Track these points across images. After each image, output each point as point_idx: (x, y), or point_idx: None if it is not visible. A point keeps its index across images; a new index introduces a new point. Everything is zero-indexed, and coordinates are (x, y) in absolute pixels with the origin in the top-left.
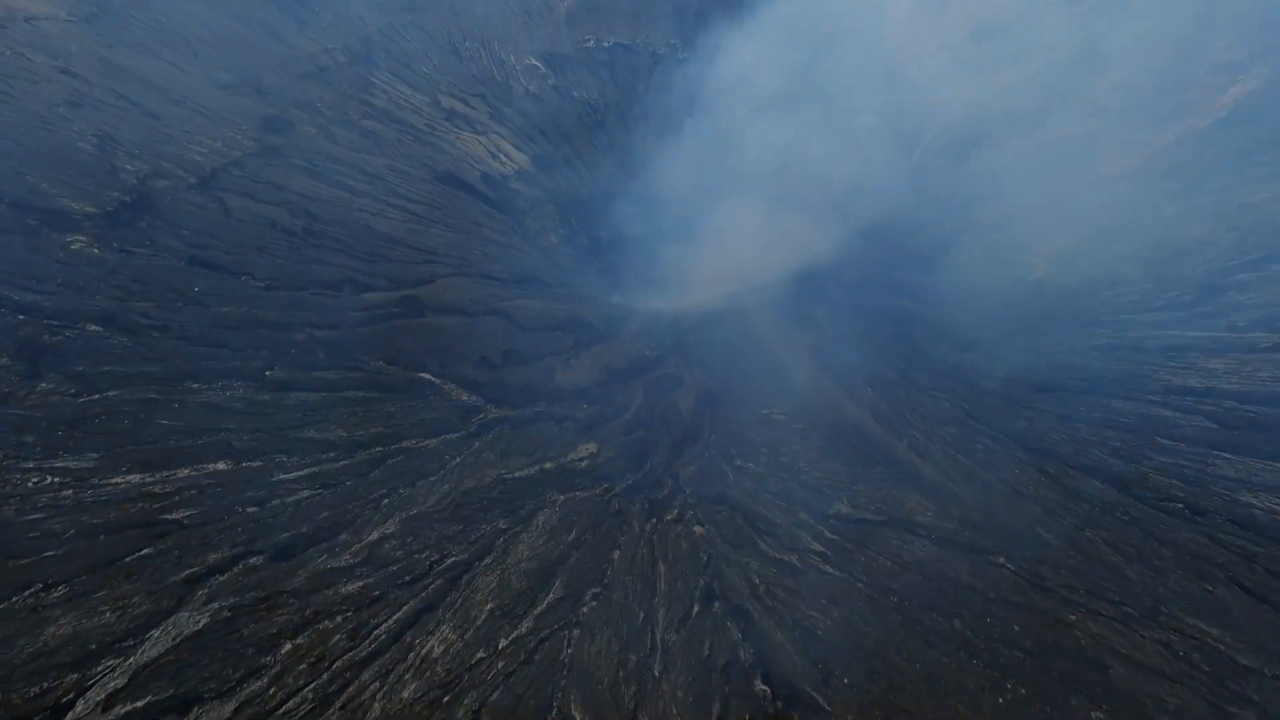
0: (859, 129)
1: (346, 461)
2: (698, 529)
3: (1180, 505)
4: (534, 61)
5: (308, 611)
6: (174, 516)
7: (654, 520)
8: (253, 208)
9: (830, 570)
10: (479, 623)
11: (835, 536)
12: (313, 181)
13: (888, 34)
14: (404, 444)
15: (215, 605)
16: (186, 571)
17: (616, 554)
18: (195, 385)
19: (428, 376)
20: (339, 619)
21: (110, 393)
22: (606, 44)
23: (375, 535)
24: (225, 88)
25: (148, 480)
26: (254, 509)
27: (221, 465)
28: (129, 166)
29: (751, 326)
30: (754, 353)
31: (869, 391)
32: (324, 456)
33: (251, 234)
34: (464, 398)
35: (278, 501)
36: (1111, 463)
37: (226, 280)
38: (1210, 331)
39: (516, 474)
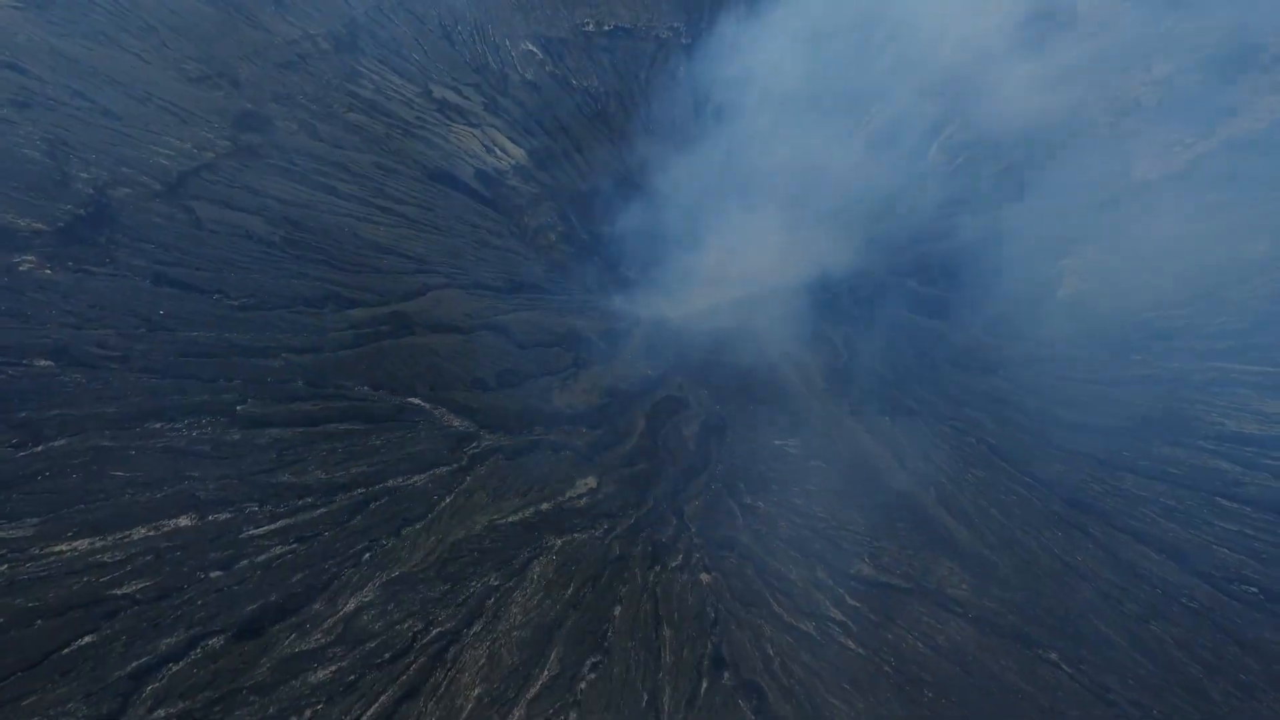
0: (870, 123)
1: (324, 509)
2: (704, 577)
3: (1255, 591)
4: (530, 47)
5: (271, 710)
6: (125, 590)
7: (657, 568)
8: (226, 216)
9: (853, 646)
10: (464, 715)
11: (857, 603)
12: (293, 184)
13: (902, 22)
14: (389, 483)
15: (161, 713)
16: (134, 663)
17: (618, 610)
18: (157, 425)
19: (417, 401)
20: (307, 715)
21: (58, 442)
22: (607, 28)
23: (352, 605)
24: (195, 81)
25: (97, 546)
26: (218, 574)
27: (184, 521)
28: (85, 174)
29: (760, 345)
30: (763, 375)
31: (887, 423)
32: (299, 504)
33: (224, 247)
34: (456, 424)
35: (246, 563)
36: (1166, 527)
37: (196, 301)
38: (1266, 366)
39: (510, 518)
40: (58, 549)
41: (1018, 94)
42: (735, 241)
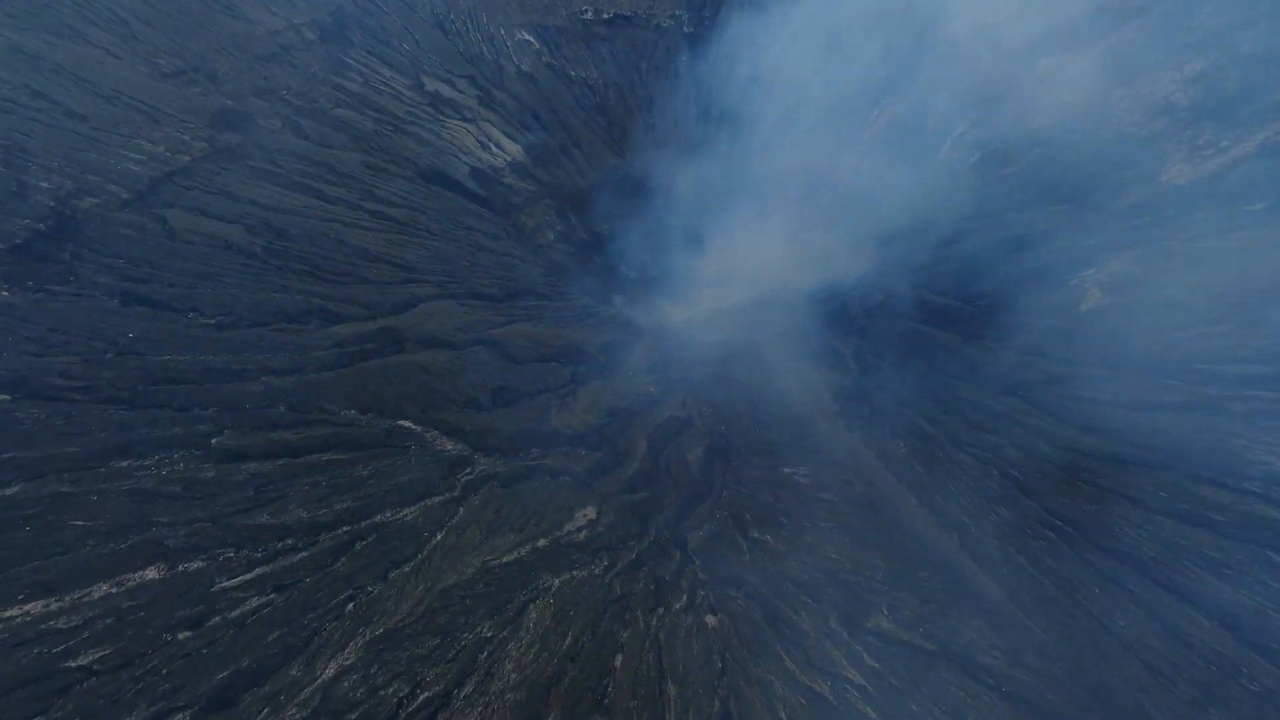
0: (880, 119)
1: (305, 552)
2: (710, 619)
3: None
4: (526, 36)
5: None
6: (81, 661)
7: (660, 610)
8: (202, 225)
9: (873, 715)
10: None
11: (876, 664)
12: (276, 188)
13: (912, 11)
14: (376, 518)
15: None
16: None
17: (619, 661)
18: (124, 464)
19: (407, 424)
20: None
21: (10, 489)
22: (606, 16)
23: (332, 670)
24: (170, 76)
25: (52, 609)
26: (187, 634)
27: (151, 573)
28: (45, 184)
29: (766, 359)
30: (769, 394)
31: (902, 448)
32: (279, 547)
33: (200, 259)
34: (448, 448)
35: (218, 620)
36: (1216, 587)
37: (169, 320)
38: None
39: (504, 558)
40: (7, 615)
41: (1037, 90)
42: (739, 241)
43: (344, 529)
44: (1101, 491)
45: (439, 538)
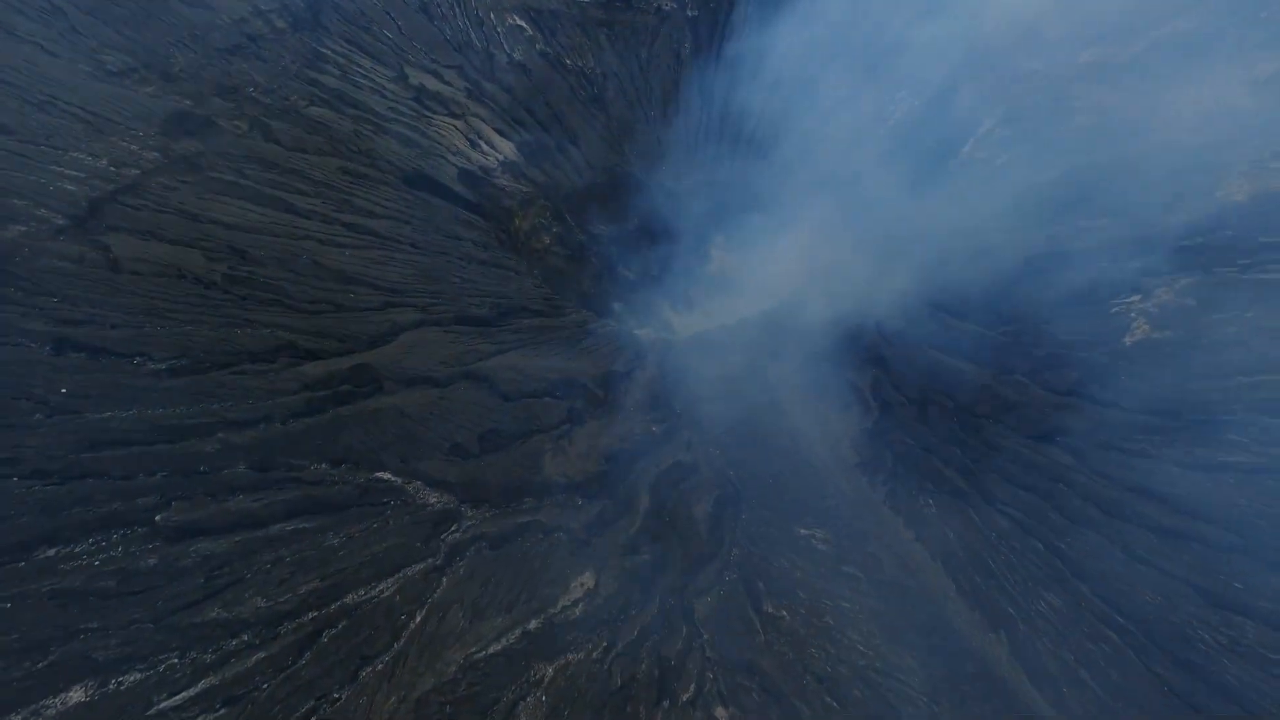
0: (896, 112)
1: (264, 652)
2: (720, 712)
3: None
4: (518, 21)
5: None
6: None
7: (665, 703)
8: (152, 253)
9: None
10: None
11: None
12: (241, 202)
13: None
14: (348, 599)
15: None
16: None
17: None
18: (50, 554)
19: (386, 476)
20: None
21: None
22: None
23: None
24: (115, 75)
25: None
26: None
27: (75, 695)
28: None
29: (778, 396)
30: (781, 435)
31: (932, 510)
32: (232, 646)
33: (149, 293)
34: (432, 500)
35: None
36: None
37: (110, 369)
38: None
39: (491, 648)
40: None
41: (1076, 86)
42: (745, 246)
43: (309, 616)
44: (1164, 577)
45: (418, 620)
